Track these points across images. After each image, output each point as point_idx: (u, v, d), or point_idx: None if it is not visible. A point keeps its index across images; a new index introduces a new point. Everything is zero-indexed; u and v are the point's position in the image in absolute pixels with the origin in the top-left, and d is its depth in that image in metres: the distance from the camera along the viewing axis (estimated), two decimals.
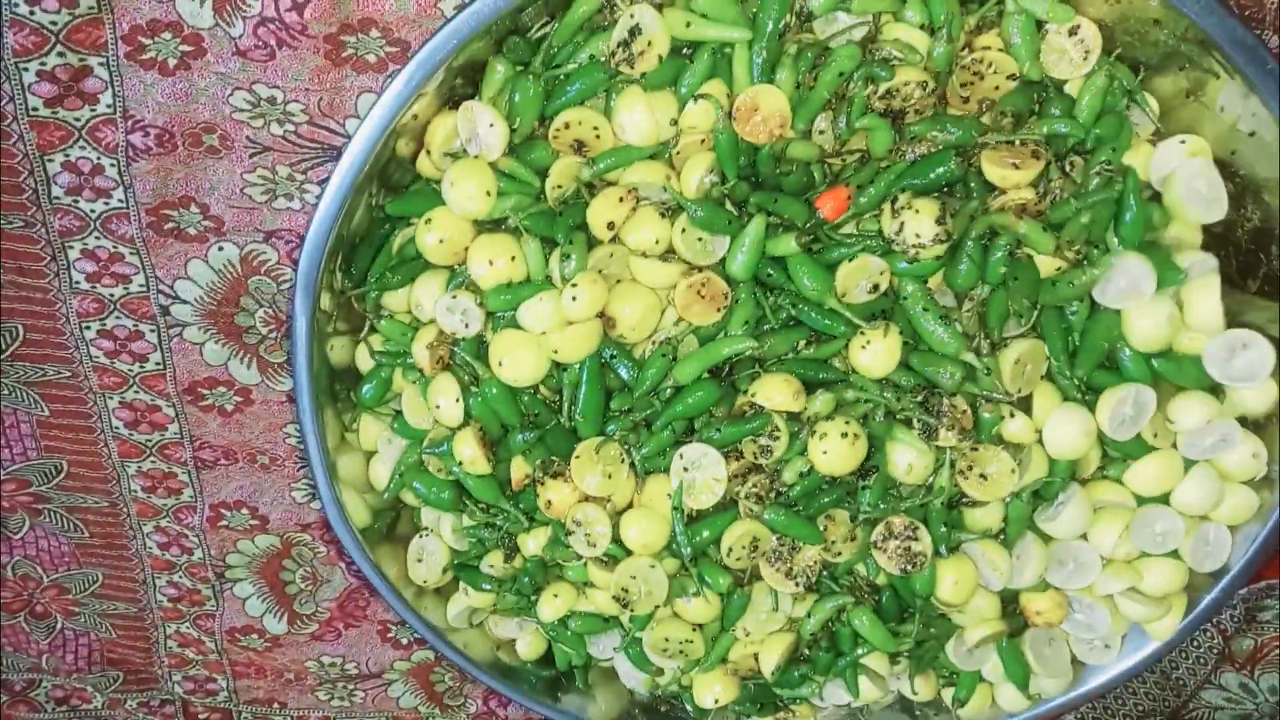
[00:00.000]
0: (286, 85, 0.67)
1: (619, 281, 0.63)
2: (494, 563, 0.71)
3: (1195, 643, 0.77)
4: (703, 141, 0.62)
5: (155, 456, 0.81)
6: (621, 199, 0.61)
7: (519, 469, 0.67)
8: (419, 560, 0.72)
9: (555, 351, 0.63)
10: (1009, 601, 0.70)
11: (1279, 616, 0.77)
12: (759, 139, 0.61)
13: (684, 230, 0.61)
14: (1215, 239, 0.64)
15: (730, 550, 0.66)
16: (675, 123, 0.62)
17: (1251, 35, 0.57)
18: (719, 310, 0.62)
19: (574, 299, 0.61)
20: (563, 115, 0.62)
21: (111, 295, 0.75)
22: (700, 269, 0.62)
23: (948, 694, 0.74)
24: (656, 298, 0.63)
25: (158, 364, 0.78)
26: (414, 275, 0.67)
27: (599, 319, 0.63)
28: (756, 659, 0.72)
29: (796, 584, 0.67)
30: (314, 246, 0.63)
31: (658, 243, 0.62)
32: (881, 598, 0.70)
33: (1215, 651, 0.77)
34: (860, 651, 0.70)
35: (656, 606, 0.68)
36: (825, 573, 0.68)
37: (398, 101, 0.60)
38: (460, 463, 0.66)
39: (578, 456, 0.65)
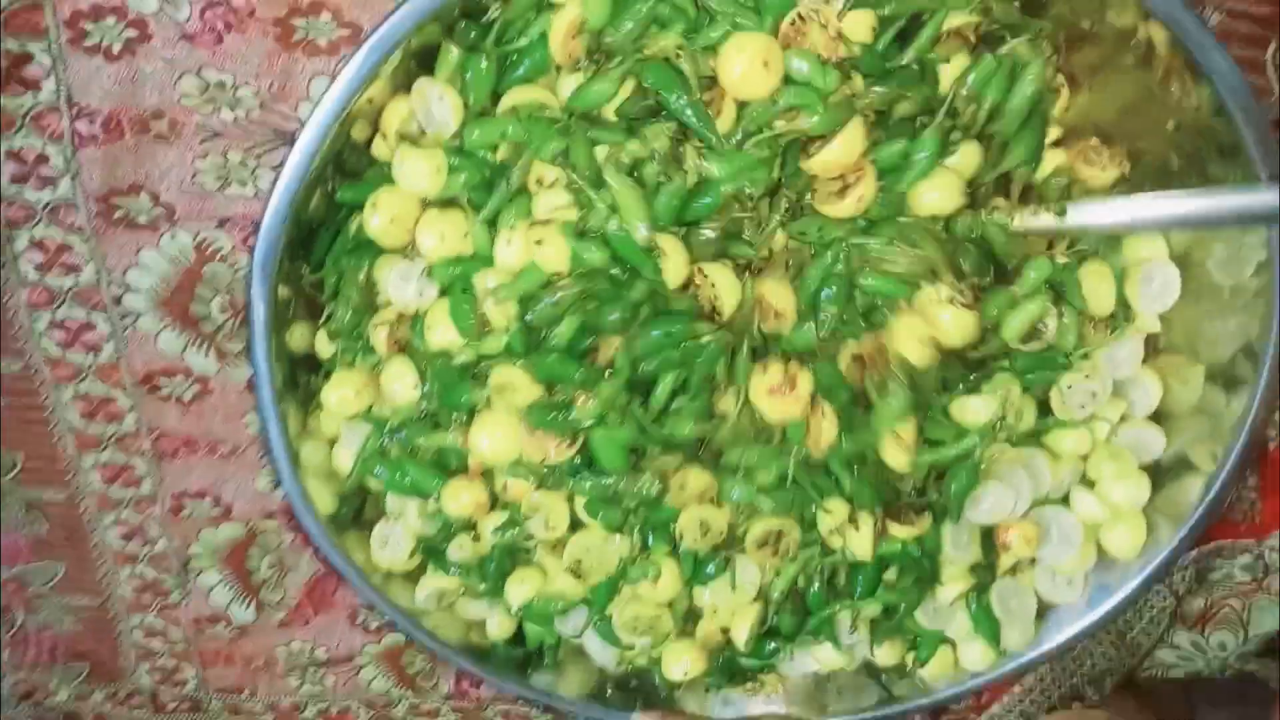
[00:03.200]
0: (236, 70, 0.68)
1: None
2: (462, 544, 0.73)
3: (1149, 604, 0.80)
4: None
5: (113, 448, 0.82)
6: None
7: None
8: (384, 545, 0.74)
9: None
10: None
11: (1227, 576, 0.81)
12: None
13: None
14: None
15: (683, 536, 0.68)
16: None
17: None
18: None
19: (508, 243, 0.63)
20: (509, 97, 0.63)
21: (62, 286, 0.75)
22: None
23: (912, 659, 0.78)
24: None
25: (112, 354, 0.78)
26: (372, 258, 0.68)
27: None
28: (724, 631, 0.75)
29: (783, 560, 0.70)
30: (270, 233, 0.64)
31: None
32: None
33: (1168, 613, 0.81)
34: (830, 609, 0.73)
35: (610, 577, 0.70)
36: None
37: (350, 87, 0.61)
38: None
39: None
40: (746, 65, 0.60)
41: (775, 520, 0.68)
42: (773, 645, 0.75)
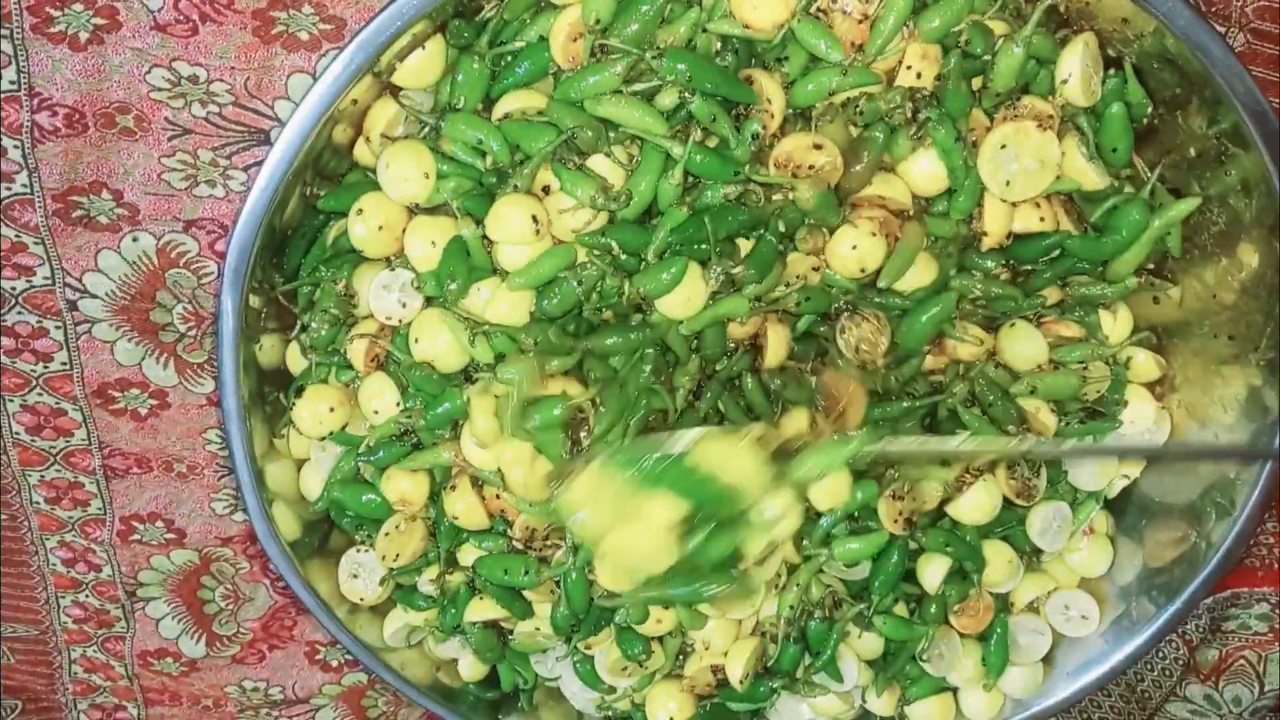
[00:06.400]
0: (210, 63, 0.68)
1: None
2: (432, 577, 0.73)
3: (1160, 654, 0.81)
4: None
5: (60, 465, 0.81)
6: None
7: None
8: (354, 576, 0.73)
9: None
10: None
11: (1243, 626, 0.82)
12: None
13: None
14: None
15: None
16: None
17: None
18: None
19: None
20: (502, 104, 0.64)
21: (13, 289, 0.74)
22: None
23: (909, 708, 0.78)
24: None
25: (64, 364, 0.77)
26: (350, 268, 0.67)
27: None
28: (714, 672, 0.75)
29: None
30: (243, 237, 0.64)
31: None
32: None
33: (1180, 663, 0.81)
34: (834, 642, 0.73)
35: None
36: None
37: (337, 86, 0.61)
38: None
39: None
40: None
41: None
42: (769, 686, 0.75)
